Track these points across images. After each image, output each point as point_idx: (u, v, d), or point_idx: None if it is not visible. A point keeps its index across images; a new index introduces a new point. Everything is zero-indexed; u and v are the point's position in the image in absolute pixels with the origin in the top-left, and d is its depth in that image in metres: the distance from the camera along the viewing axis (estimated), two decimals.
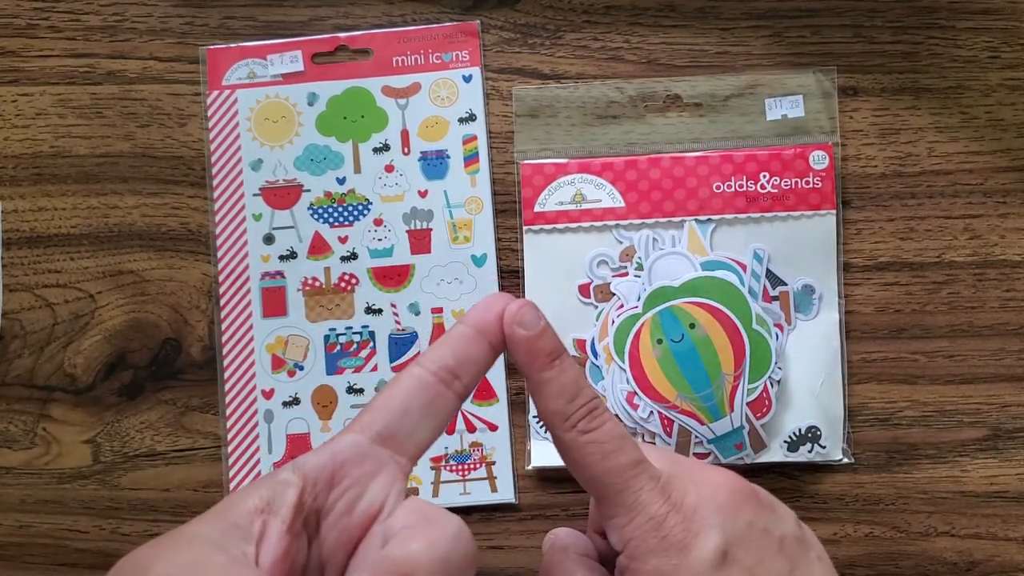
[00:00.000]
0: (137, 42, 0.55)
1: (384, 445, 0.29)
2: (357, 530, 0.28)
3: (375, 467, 0.28)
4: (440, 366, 0.30)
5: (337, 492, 0.28)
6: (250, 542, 0.26)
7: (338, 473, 0.28)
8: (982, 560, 0.52)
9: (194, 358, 0.54)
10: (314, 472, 0.28)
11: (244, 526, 0.26)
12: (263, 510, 0.26)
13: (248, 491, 0.27)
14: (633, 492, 0.31)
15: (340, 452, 0.28)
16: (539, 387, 0.32)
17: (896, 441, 0.53)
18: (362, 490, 0.28)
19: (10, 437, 0.54)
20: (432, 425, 0.30)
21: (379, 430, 0.29)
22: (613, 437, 0.31)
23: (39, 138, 0.55)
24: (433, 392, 0.30)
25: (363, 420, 0.29)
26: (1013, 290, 0.53)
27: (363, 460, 0.28)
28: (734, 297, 0.51)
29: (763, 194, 0.52)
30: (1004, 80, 0.53)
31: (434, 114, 0.54)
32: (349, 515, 0.28)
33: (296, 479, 0.27)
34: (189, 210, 0.55)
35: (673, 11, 0.54)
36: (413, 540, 0.26)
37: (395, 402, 0.29)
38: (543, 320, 0.32)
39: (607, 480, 0.31)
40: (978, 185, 0.53)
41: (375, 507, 0.28)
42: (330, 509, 0.28)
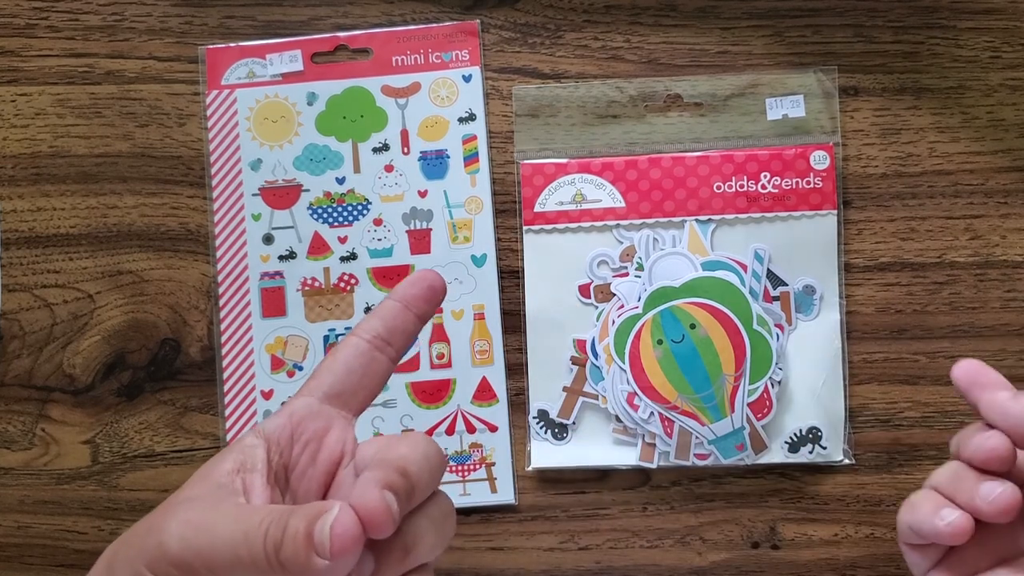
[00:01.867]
0: (136, 42, 0.55)
1: (331, 403, 0.33)
2: (323, 476, 0.32)
3: (327, 422, 0.33)
4: (374, 335, 0.34)
5: (298, 448, 0.32)
6: (238, 495, 0.29)
7: (296, 431, 0.32)
8: None
9: (193, 358, 0.54)
10: (275, 433, 0.32)
11: (227, 484, 0.30)
12: (238, 470, 0.30)
13: (220, 457, 0.31)
14: None
15: (296, 413, 0.32)
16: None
17: (897, 442, 0.53)
18: (320, 444, 0.32)
19: (9, 438, 0.54)
20: (371, 384, 0.34)
21: (326, 391, 0.33)
22: None
23: (38, 138, 0.55)
24: (369, 356, 0.33)
25: (311, 384, 0.33)
26: (1014, 291, 0.53)
27: (316, 417, 0.32)
28: (735, 297, 0.51)
29: (764, 194, 0.52)
30: (1005, 80, 0.53)
31: (434, 114, 0.54)
32: (314, 464, 0.32)
33: (261, 441, 0.31)
34: (188, 210, 0.54)
35: (674, 11, 0.54)
36: (397, 446, 0.30)
37: (338, 365, 0.33)
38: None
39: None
40: (979, 185, 0.53)
41: (336, 455, 0.32)
42: (295, 463, 0.32)
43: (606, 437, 0.52)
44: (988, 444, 0.34)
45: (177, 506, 0.29)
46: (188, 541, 0.28)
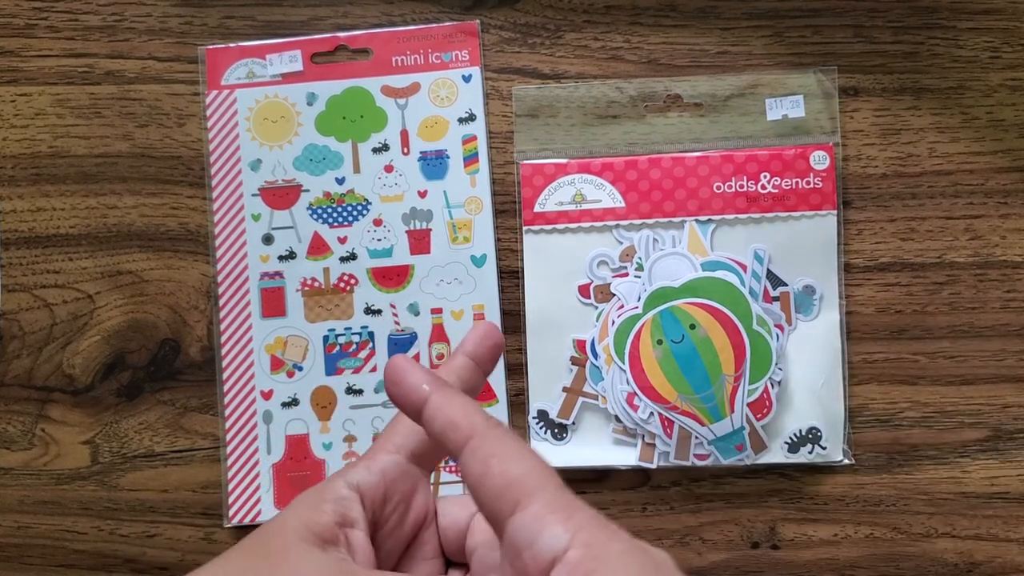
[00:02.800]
0: (136, 42, 0.55)
1: (415, 462, 0.32)
2: (408, 537, 0.32)
3: (414, 483, 0.32)
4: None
5: (389, 507, 0.31)
6: (343, 552, 0.29)
7: (389, 490, 0.31)
8: (983, 561, 0.52)
9: (193, 359, 0.54)
10: (371, 490, 0.31)
11: (333, 540, 0.29)
12: (341, 524, 0.29)
13: (316, 505, 0.29)
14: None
15: (388, 472, 0.32)
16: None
17: (897, 442, 0.53)
18: (408, 505, 0.32)
19: (8, 438, 0.54)
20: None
21: (412, 450, 0.32)
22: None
23: (38, 138, 0.55)
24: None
25: (395, 440, 0.33)
26: (1014, 291, 0.53)
27: (405, 478, 0.32)
28: (735, 298, 0.51)
29: (764, 194, 0.52)
30: (1005, 80, 0.53)
31: (434, 114, 0.54)
32: (401, 526, 0.32)
33: (355, 495, 0.30)
34: (188, 210, 0.54)
35: (673, 11, 0.54)
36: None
37: (419, 428, 0.32)
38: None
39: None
40: (979, 185, 0.53)
41: (421, 517, 0.32)
42: (384, 522, 0.31)
43: (606, 437, 0.52)
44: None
45: (294, 553, 0.28)
46: None
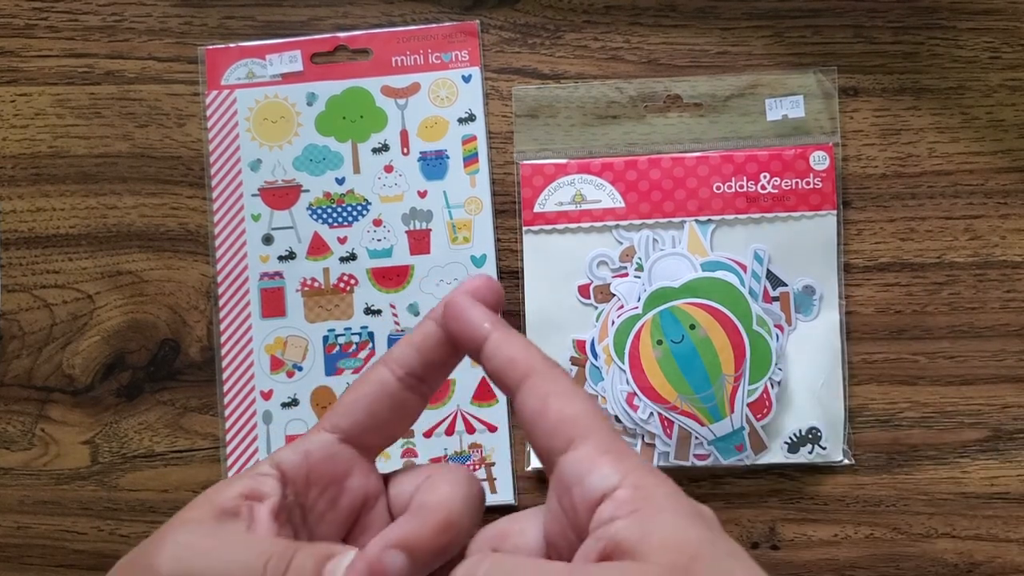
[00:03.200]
0: (136, 42, 0.55)
1: (351, 444, 0.30)
2: (345, 520, 0.29)
3: (346, 466, 0.30)
4: (407, 371, 0.30)
5: (316, 491, 0.29)
6: (242, 524, 0.27)
7: (313, 472, 0.29)
8: (983, 561, 0.52)
9: (193, 359, 0.54)
10: (292, 470, 0.29)
11: (233, 511, 0.27)
12: (248, 496, 0.27)
13: (228, 482, 0.28)
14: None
15: (313, 452, 0.29)
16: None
17: (897, 442, 0.53)
18: (340, 488, 0.29)
19: (8, 438, 0.54)
20: (397, 425, 0.31)
21: (346, 430, 0.30)
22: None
23: (37, 138, 0.55)
24: (399, 398, 0.30)
25: (332, 420, 0.30)
26: (1014, 291, 0.53)
27: (333, 460, 0.29)
28: (734, 298, 0.51)
29: (763, 194, 0.52)
30: (1005, 81, 0.53)
31: (433, 114, 0.54)
32: (334, 509, 0.29)
33: (275, 472, 0.28)
34: (188, 210, 0.54)
35: (673, 11, 0.54)
36: (439, 484, 0.28)
37: (359, 405, 0.30)
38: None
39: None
40: (979, 186, 0.53)
41: (358, 500, 0.29)
42: (312, 505, 0.29)
43: None
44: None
45: (174, 528, 0.27)
46: (181, 564, 0.25)
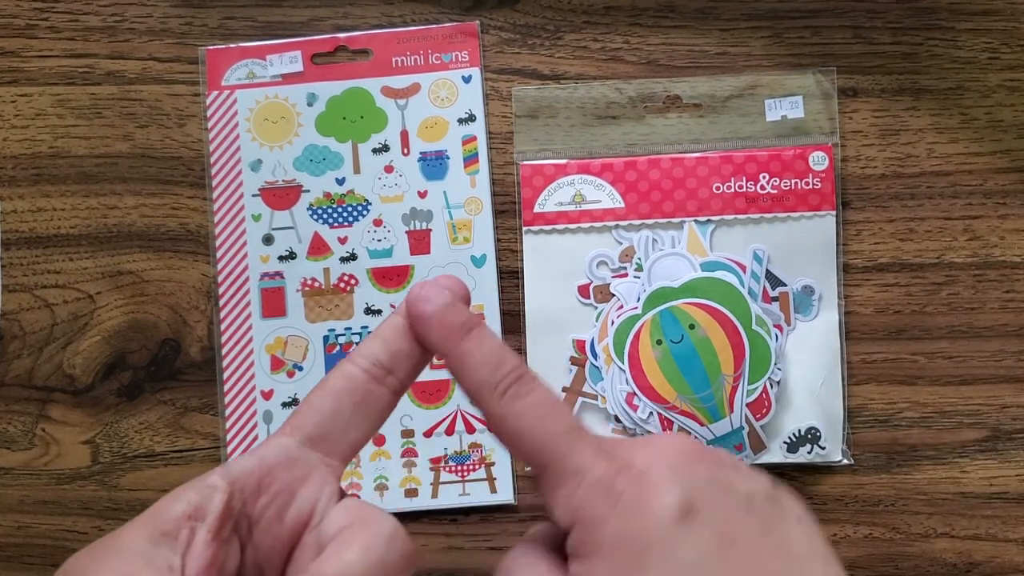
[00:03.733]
0: (136, 42, 0.55)
1: (314, 447, 0.28)
2: (290, 537, 0.27)
3: (304, 471, 0.28)
4: (373, 362, 0.29)
5: (265, 499, 0.27)
6: (176, 552, 0.25)
7: (265, 479, 0.27)
8: (982, 561, 0.52)
9: (193, 359, 0.54)
10: (242, 478, 0.27)
11: (171, 533, 0.26)
12: (191, 516, 0.26)
13: (177, 495, 0.27)
14: (575, 456, 0.27)
15: (268, 458, 0.28)
16: (461, 361, 0.28)
17: (896, 442, 0.53)
18: (291, 497, 0.27)
19: (9, 438, 0.54)
20: (365, 425, 0.29)
21: (309, 432, 0.28)
22: (547, 402, 0.28)
23: (38, 138, 0.55)
24: (364, 391, 0.29)
25: (293, 422, 0.28)
26: (1013, 291, 0.53)
27: (292, 465, 0.28)
28: (734, 298, 0.51)
29: (763, 195, 0.52)
30: (1004, 81, 0.53)
31: (433, 115, 0.54)
32: (280, 522, 0.27)
33: (223, 484, 0.27)
34: (188, 210, 0.54)
35: (673, 12, 0.54)
36: (346, 549, 0.25)
37: (326, 402, 0.28)
38: (451, 294, 0.29)
39: (549, 446, 0.28)
40: (978, 186, 0.53)
41: (305, 514, 0.28)
42: (260, 516, 0.27)
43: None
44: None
45: (104, 557, 0.26)
46: None
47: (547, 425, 0.28)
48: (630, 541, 0.26)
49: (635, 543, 0.26)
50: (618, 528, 0.26)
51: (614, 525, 0.26)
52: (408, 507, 0.53)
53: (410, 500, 0.53)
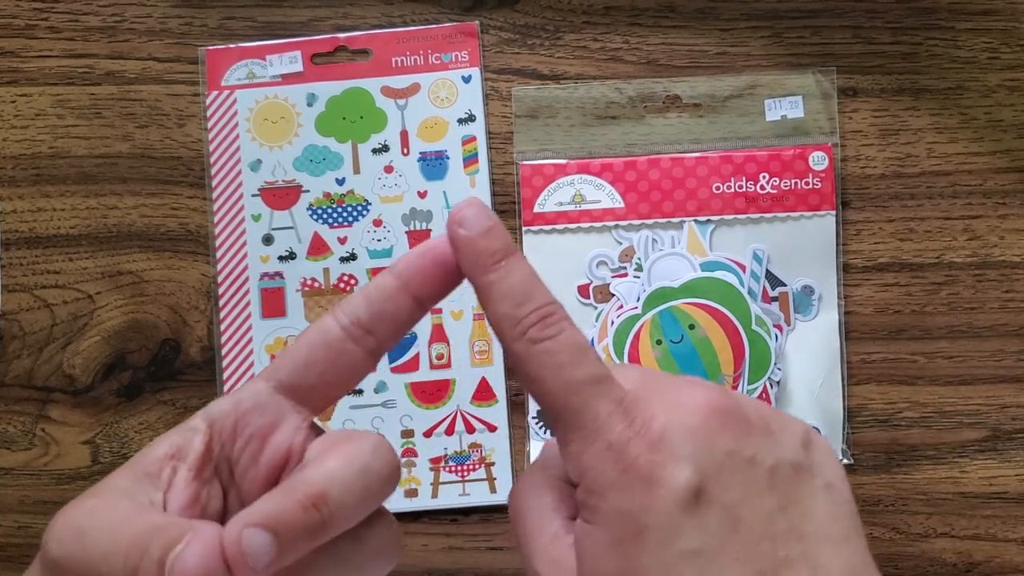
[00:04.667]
0: (136, 43, 0.55)
1: (287, 395, 0.28)
2: (265, 479, 0.28)
3: (275, 417, 0.28)
4: (352, 320, 0.28)
5: (241, 442, 0.28)
6: (159, 489, 0.26)
7: (240, 422, 0.28)
8: (982, 561, 0.52)
9: (193, 359, 0.54)
10: (220, 420, 0.27)
11: (154, 473, 0.26)
12: (173, 456, 0.26)
13: (161, 439, 0.27)
14: (591, 413, 0.26)
15: (242, 401, 0.28)
16: (485, 292, 0.27)
17: (895, 442, 0.53)
18: (263, 442, 0.28)
19: (9, 438, 0.54)
20: (336, 381, 0.28)
21: (281, 379, 0.28)
22: (570, 348, 0.27)
23: (38, 139, 0.55)
24: (339, 348, 0.28)
25: (271, 367, 0.28)
26: (1012, 291, 0.53)
27: (263, 411, 0.28)
28: (733, 298, 0.51)
29: (762, 195, 0.52)
30: (1003, 81, 0.53)
31: (433, 115, 0.54)
32: (255, 465, 0.28)
33: (204, 426, 0.27)
34: (188, 211, 0.54)
35: (672, 12, 0.54)
36: (329, 458, 0.25)
37: (300, 352, 0.28)
38: (490, 219, 0.28)
39: (562, 398, 0.26)
40: (978, 186, 0.53)
41: (279, 458, 0.28)
42: (237, 459, 0.28)
43: None
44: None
45: (85, 497, 0.26)
46: (63, 545, 0.24)
47: (566, 373, 0.26)
48: (630, 518, 0.25)
49: (635, 521, 0.25)
50: (620, 502, 0.25)
51: (617, 497, 0.25)
52: (408, 507, 0.53)
53: (410, 500, 0.53)
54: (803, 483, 0.27)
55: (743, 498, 0.25)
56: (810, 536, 0.26)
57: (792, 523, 0.26)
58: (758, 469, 0.26)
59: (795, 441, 0.27)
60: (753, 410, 0.27)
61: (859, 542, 0.27)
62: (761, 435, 0.27)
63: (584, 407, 0.26)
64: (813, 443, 0.28)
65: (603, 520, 0.26)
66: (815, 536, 0.26)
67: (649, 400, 0.27)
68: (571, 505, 0.28)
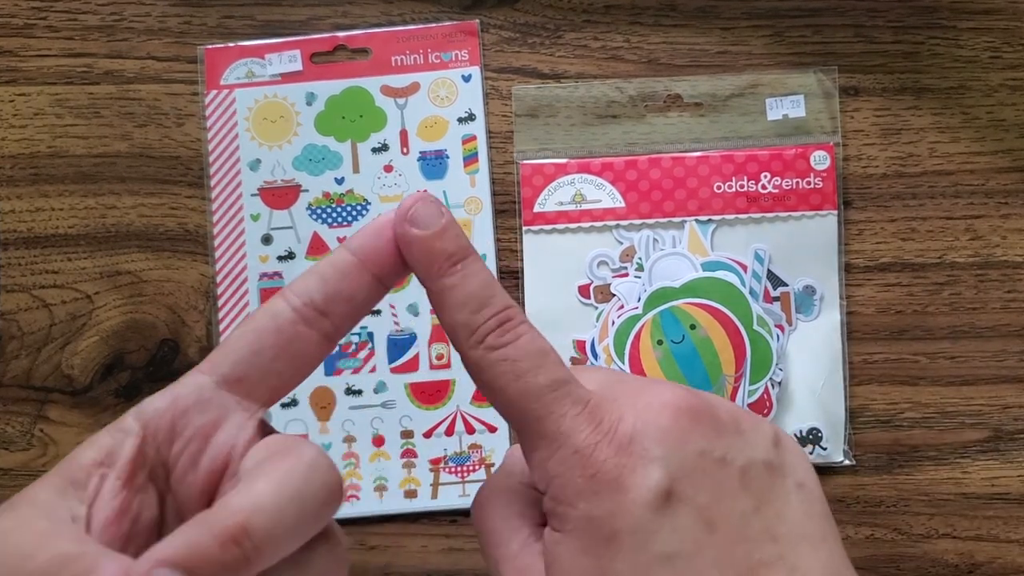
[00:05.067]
0: (135, 42, 0.55)
1: (231, 389, 0.25)
2: (205, 485, 0.25)
3: (218, 415, 0.25)
4: (305, 301, 0.25)
5: (179, 444, 0.25)
6: (83, 501, 0.23)
7: (179, 422, 0.25)
8: (984, 562, 0.52)
9: (192, 359, 0.54)
10: (155, 420, 0.24)
11: (80, 482, 0.23)
12: (102, 463, 0.24)
13: (91, 441, 0.24)
14: (555, 419, 0.25)
15: (181, 398, 0.25)
16: (440, 297, 0.26)
17: (897, 443, 0.52)
18: (204, 443, 0.25)
19: (7, 438, 0.54)
20: (288, 371, 0.26)
21: (225, 372, 0.25)
22: (530, 353, 0.26)
23: (36, 138, 0.55)
24: (291, 332, 0.25)
25: (212, 358, 0.25)
26: (1015, 291, 0.52)
27: (205, 407, 0.25)
28: (735, 298, 0.51)
29: (764, 194, 0.52)
30: (1006, 80, 0.53)
31: (433, 114, 0.54)
32: (194, 469, 0.25)
33: (137, 427, 0.24)
34: (187, 210, 0.54)
35: (673, 10, 0.54)
36: (257, 480, 0.22)
37: (245, 341, 0.25)
38: (444, 216, 0.26)
39: (523, 405, 0.25)
40: (980, 186, 0.53)
41: (220, 460, 0.25)
42: (175, 463, 0.25)
43: None
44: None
45: (1, 513, 0.23)
46: None
47: (525, 381, 0.25)
48: (601, 524, 0.24)
49: (605, 527, 0.24)
50: (589, 508, 0.25)
51: (586, 504, 0.25)
52: (408, 508, 0.53)
53: (410, 501, 0.53)
54: (775, 483, 0.26)
55: (716, 499, 0.25)
56: (785, 537, 0.25)
57: (766, 524, 0.25)
58: (730, 469, 0.25)
59: (766, 440, 0.27)
60: (723, 409, 0.27)
61: (835, 542, 0.26)
62: (732, 435, 0.26)
63: (547, 413, 0.25)
64: (782, 442, 0.27)
65: (573, 528, 0.25)
66: (790, 537, 0.25)
67: (616, 401, 0.26)
68: (538, 512, 0.27)
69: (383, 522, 0.53)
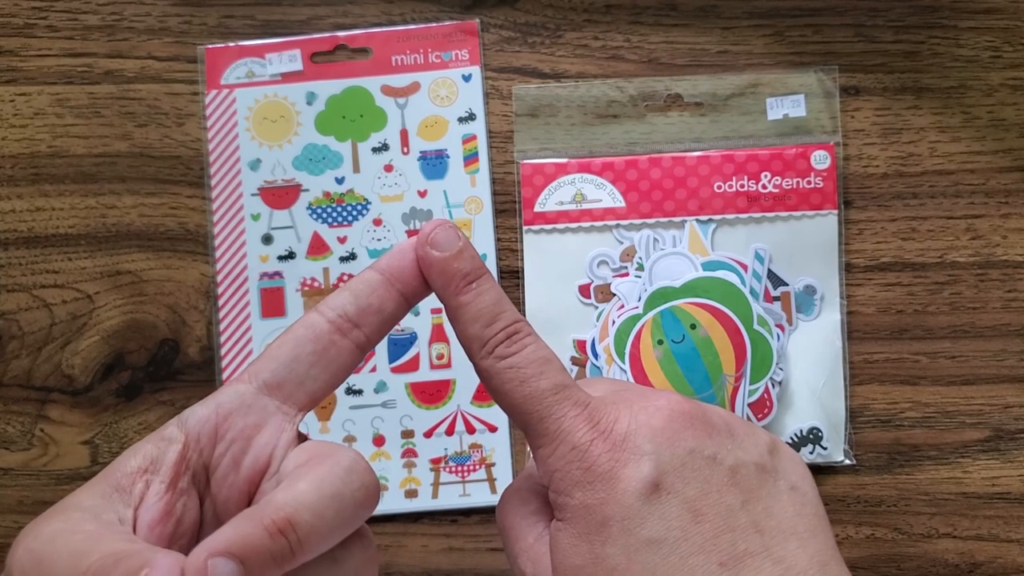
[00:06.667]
0: (135, 41, 0.55)
1: (271, 395, 0.27)
2: (247, 485, 0.27)
3: (260, 418, 0.27)
4: (339, 313, 0.28)
5: (222, 447, 0.27)
6: (129, 505, 0.25)
7: (222, 426, 0.27)
8: (984, 562, 0.52)
9: (192, 359, 0.54)
10: (197, 426, 0.27)
11: (125, 487, 0.25)
12: (146, 470, 0.26)
13: (134, 450, 0.26)
14: (555, 419, 0.28)
15: (224, 404, 0.27)
16: (456, 312, 0.29)
17: (898, 442, 0.52)
18: (247, 444, 0.27)
19: (8, 438, 0.54)
20: (324, 376, 0.28)
21: (266, 379, 0.27)
22: (533, 361, 0.29)
23: (37, 138, 0.55)
24: (327, 341, 0.28)
25: (252, 368, 0.28)
26: (1015, 291, 0.52)
27: (247, 411, 0.27)
28: (735, 297, 0.51)
29: (764, 194, 0.52)
30: (1006, 80, 0.53)
31: (433, 113, 0.54)
32: (237, 471, 0.27)
33: (180, 435, 0.26)
34: (187, 210, 0.54)
35: (674, 10, 0.54)
36: (299, 480, 0.24)
37: (284, 349, 0.28)
38: (460, 240, 0.29)
39: (527, 407, 0.28)
40: (980, 185, 0.53)
41: (261, 461, 0.27)
42: (216, 465, 0.27)
43: None
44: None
45: (47, 517, 0.25)
46: (25, 573, 0.23)
47: (530, 385, 0.29)
48: (594, 511, 0.27)
49: (598, 514, 0.27)
50: (585, 497, 0.27)
51: (582, 494, 0.27)
52: (408, 508, 0.53)
53: (410, 501, 0.53)
54: (766, 482, 0.28)
55: (703, 493, 0.27)
56: (772, 531, 0.27)
57: (754, 518, 0.27)
58: (719, 467, 0.28)
59: (760, 447, 0.29)
60: (717, 415, 0.29)
61: (827, 538, 0.28)
62: (723, 437, 0.28)
63: (548, 414, 0.28)
64: (779, 451, 0.29)
65: (571, 516, 0.28)
66: (778, 531, 0.27)
67: (615, 404, 0.29)
68: (552, 509, 0.30)
69: (384, 522, 0.53)
